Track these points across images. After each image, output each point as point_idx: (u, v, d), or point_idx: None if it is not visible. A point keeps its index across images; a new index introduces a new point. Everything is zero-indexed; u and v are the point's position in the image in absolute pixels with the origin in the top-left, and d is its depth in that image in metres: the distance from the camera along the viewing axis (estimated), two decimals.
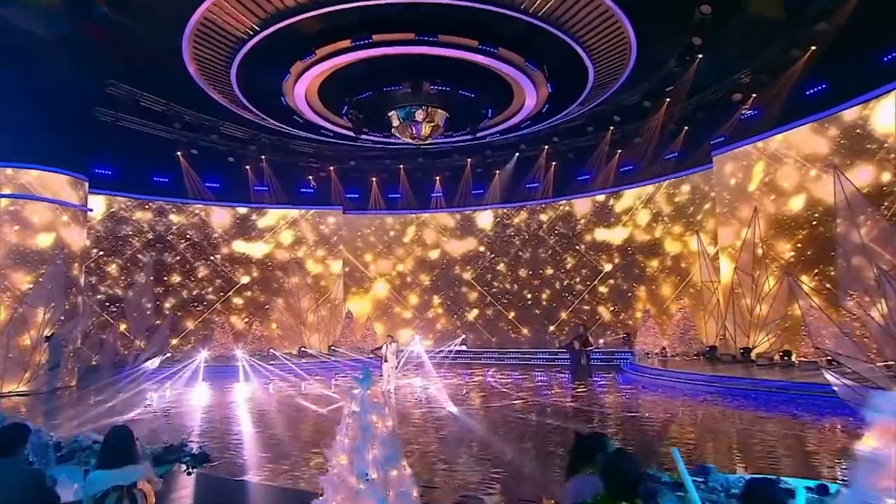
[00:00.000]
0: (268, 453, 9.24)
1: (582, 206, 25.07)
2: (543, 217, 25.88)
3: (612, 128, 22.58)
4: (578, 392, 15.43)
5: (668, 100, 19.59)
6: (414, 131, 18.63)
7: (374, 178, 27.19)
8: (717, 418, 11.40)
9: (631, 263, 23.49)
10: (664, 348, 19.36)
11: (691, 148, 20.83)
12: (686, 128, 20.94)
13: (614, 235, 24.07)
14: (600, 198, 24.61)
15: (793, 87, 16.16)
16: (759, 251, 17.19)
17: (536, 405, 13.34)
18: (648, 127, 21.34)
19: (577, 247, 24.91)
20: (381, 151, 25.73)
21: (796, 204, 16.58)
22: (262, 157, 24.85)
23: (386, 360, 15.82)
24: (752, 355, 16.67)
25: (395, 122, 18.88)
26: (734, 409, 12.13)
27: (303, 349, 23.61)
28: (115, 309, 21.55)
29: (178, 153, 22.98)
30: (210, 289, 24.05)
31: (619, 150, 23.72)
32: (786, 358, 15.62)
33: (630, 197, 23.72)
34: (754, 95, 17.95)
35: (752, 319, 17.25)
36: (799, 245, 16.44)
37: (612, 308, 23.99)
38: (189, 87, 18.33)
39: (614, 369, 19.92)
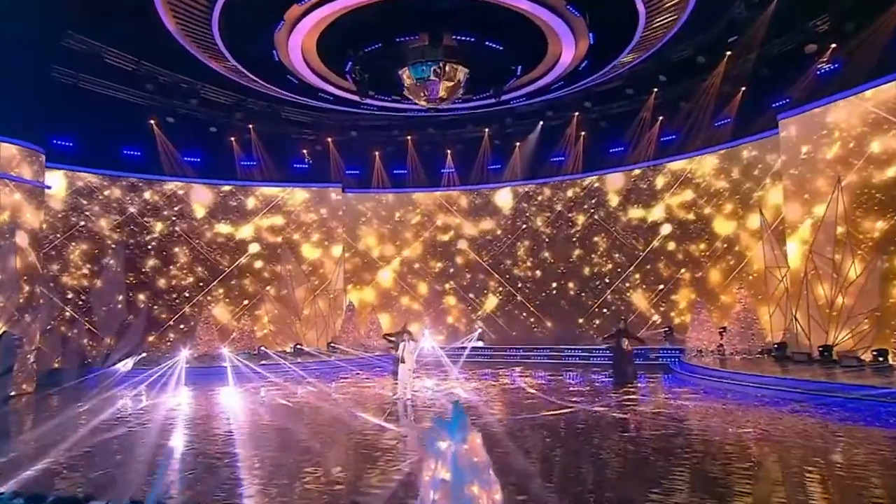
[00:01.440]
0: (268, 487, 7.51)
1: (615, 181, 23.32)
2: (570, 195, 24.16)
3: (655, 90, 20.70)
4: (632, 397, 13.75)
5: (728, 53, 17.69)
6: (430, 91, 16.70)
7: (377, 152, 25.38)
8: (836, 441, 9.56)
9: (673, 247, 21.82)
10: (721, 345, 17.68)
11: (750, 112, 18.96)
12: (743, 88, 19.08)
13: (653, 215, 22.33)
14: (637, 172, 22.88)
15: (890, 33, 14.27)
16: (841, 230, 15.45)
17: (594, 419, 11.58)
18: (699, 88, 19.47)
19: (610, 228, 23.26)
20: (386, 120, 23.86)
21: (891, 173, 14.80)
22: (250, 126, 22.91)
23: (403, 362, 14.14)
24: (834, 354, 15.00)
25: (408, 81, 16.95)
26: (843, 425, 10.35)
27: (298, 346, 22.02)
28: (80, 302, 19.72)
29: (152, 121, 20.98)
30: (191, 278, 22.31)
31: (661, 117, 21.90)
32: (881, 358, 13.92)
33: (673, 170, 21.96)
34: (834, 46, 16.07)
35: (832, 312, 15.57)
36: (894, 222, 14.68)
37: (650, 298, 22.33)
38: (162, 41, 16.32)
39: (660, 369, 18.30)
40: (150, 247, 21.70)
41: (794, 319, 16.38)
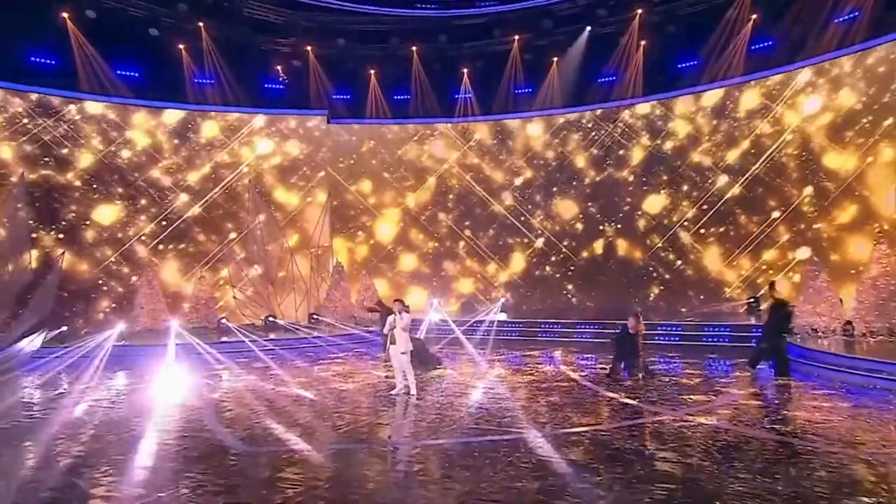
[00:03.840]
0: None
1: (686, 106, 19.68)
2: (624, 126, 20.71)
3: None
4: (740, 399, 9.88)
5: None
6: None
7: (372, 71, 22.00)
8: None
9: (762, 192, 18.08)
10: (849, 322, 13.76)
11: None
12: None
13: (738, 149, 18.60)
14: (715, 94, 19.05)
15: None
16: None
17: (725, 439, 7.60)
18: None
19: (678, 168, 19.74)
20: (384, 23, 19.93)
21: None
22: (200, 24, 18.97)
23: (393, 343, 10.45)
24: None
25: None
26: None
27: (271, 319, 19.22)
28: None
29: (65, 15, 16.93)
30: (130, 230, 19.06)
31: (753, 16, 17.74)
32: None
33: (765, 90, 18.01)
34: None
35: None
36: None
37: (728, 258, 18.69)
38: None
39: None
40: (72, 187, 18.20)
41: None
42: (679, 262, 19.54)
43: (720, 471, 6.42)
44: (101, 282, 18.37)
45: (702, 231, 19.12)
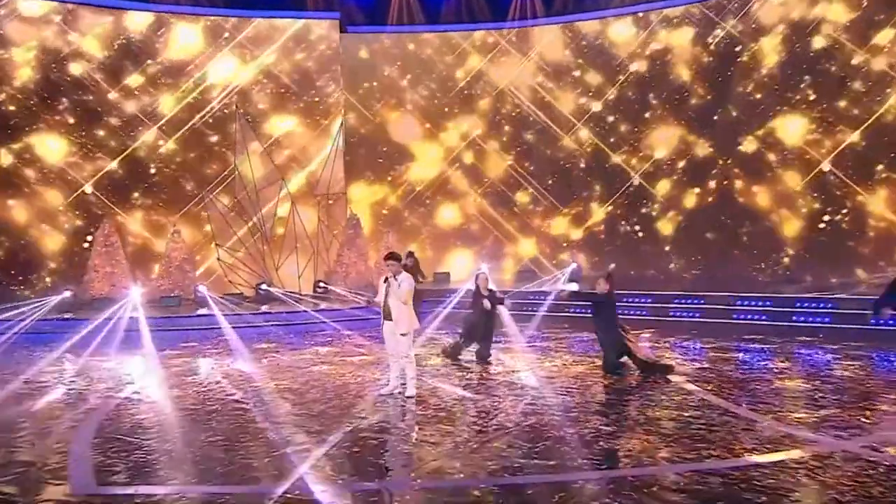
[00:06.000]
0: None
1: None
2: (749, 19, 18.23)
3: None
4: None
5: None
6: None
7: None
8: None
9: None
10: None
11: None
12: None
13: None
14: None
15: None
16: None
17: None
18: None
19: (830, 77, 17.09)
20: None
21: None
22: None
23: (388, 318, 8.58)
24: None
25: None
26: None
27: (263, 286, 18.28)
28: None
29: None
30: (85, 170, 18.14)
31: None
32: None
33: None
34: None
35: None
36: None
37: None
38: None
39: None
40: (4, 112, 17.44)
41: None
42: (830, 213, 16.98)
43: None
44: (44, 236, 17.64)
45: (866, 168, 16.40)
